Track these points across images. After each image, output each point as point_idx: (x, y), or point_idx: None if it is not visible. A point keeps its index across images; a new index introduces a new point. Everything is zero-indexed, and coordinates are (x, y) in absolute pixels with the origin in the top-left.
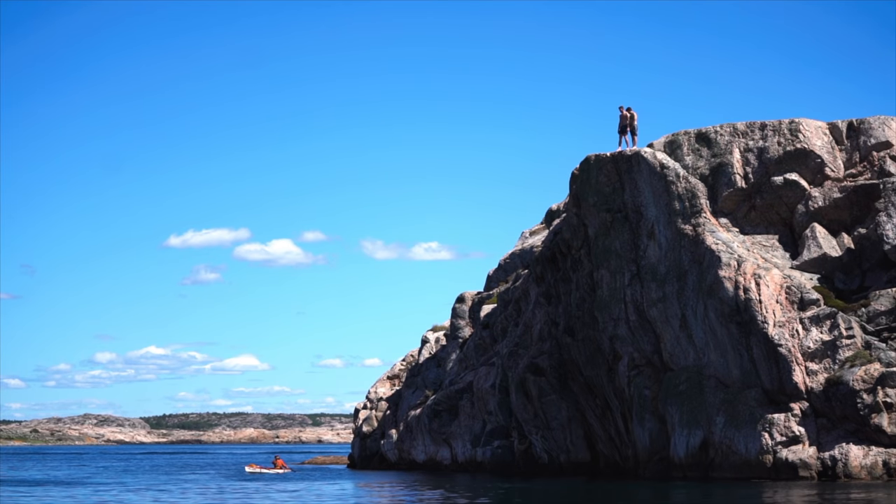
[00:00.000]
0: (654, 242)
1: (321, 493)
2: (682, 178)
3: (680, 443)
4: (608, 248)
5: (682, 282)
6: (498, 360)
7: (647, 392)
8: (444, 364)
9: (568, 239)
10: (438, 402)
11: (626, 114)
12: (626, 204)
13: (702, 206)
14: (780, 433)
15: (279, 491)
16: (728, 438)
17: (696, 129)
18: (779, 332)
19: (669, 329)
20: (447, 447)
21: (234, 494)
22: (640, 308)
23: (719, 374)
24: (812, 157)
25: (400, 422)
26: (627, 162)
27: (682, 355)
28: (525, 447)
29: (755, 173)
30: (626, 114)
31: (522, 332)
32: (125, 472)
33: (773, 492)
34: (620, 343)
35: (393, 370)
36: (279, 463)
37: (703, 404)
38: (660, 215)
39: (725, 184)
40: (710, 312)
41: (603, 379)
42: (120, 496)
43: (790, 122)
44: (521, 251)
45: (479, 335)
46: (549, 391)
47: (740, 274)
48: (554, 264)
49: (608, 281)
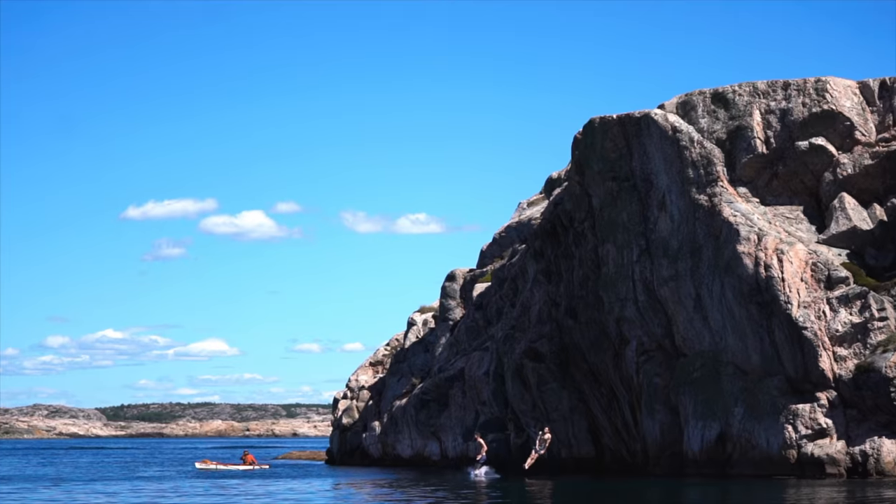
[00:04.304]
0: (666, 214)
1: (288, 496)
2: (697, 142)
3: (694, 436)
4: (614, 221)
5: (696, 258)
6: (492, 345)
7: (657, 380)
8: (433, 349)
9: (570, 210)
10: (426, 392)
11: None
12: (634, 172)
13: (718, 174)
14: (804, 426)
15: (237, 494)
16: (747, 431)
17: (712, 89)
18: (803, 313)
19: (682, 310)
20: (436, 441)
21: (174, 499)
22: (650, 287)
23: (737, 359)
24: (840, 119)
25: (384, 413)
26: (636, 125)
27: (696, 339)
28: (522, 441)
29: (777, 138)
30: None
31: (519, 314)
32: (46, 469)
33: (797, 491)
34: (628, 326)
35: (376, 356)
36: (249, 459)
37: (720, 393)
38: (672, 184)
39: (744, 149)
40: (728, 292)
41: (609, 365)
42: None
43: (816, 81)
44: (518, 224)
45: (471, 317)
46: (548, 379)
47: (761, 249)
48: (554, 238)
49: (614, 257)
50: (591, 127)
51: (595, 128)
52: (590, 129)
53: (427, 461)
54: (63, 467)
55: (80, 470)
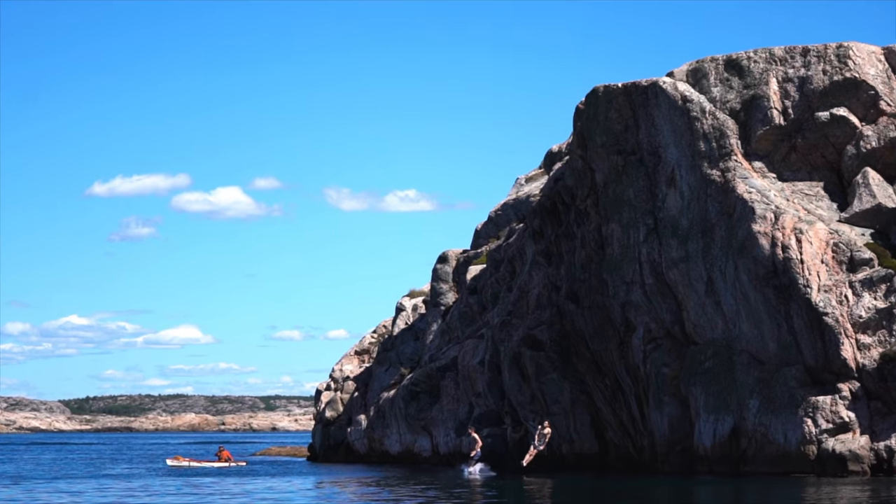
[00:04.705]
0: (675, 191)
1: (266, 496)
2: (709, 113)
3: (706, 431)
4: (620, 198)
5: (708, 238)
6: (488, 332)
7: (666, 370)
8: (424, 336)
9: (571, 186)
10: (416, 383)
11: None
12: (641, 145)
13: (732, 148)
14: (825, 419)
15: (212, 493)
16: (763, 426)
17: (726, 55)
18: (824, 297)
19: (693, 294)
20: (426, 436)
21: (143, 498)
22: (658, 269)
23: (753, 348)
24: (864, 88)
25: (370, 406)
26: (643, 94)
27: (708, 326)
28: (520, 436)
29: (796, 108)
30: None
31: (517, 299)
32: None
33: (818, 490)
34: (634, 311)
35: (362, 344)
36: (224, 455)
37: (734, 384)
38: (682, 158)
39: (760, 120)
40: (742, 274)
41: (613, 354)
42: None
43: (838, 47)
44: (515, 201)
45: (464, 302)
46: (548, 369)
47: (778, 228)
48: (555, 217)
49: (619, 237)
50: (594, 96)
51: (599, 97)
52: (593, 98)
53: (417, 458)
54: (23, 464)
55: (42, 467)
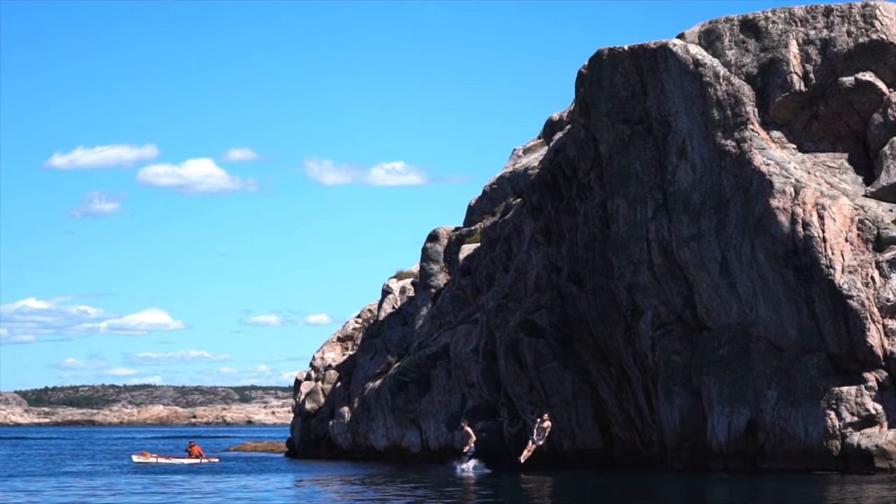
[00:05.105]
0: (686, 163)
1: (241, 495)
2: (723, 78)
3: (719, 424)
4: (626, 171)
5: (722, 214)
6: (482, 317)
7: (676, 358)
8: (412, 322)
9: (573, 158)
10: (404, 372)
11: None
12: (649, 113)
13: (748, 116)
14: (849, 412)
15: (182, 492)
16: (782, 419)
17: (741, 15)
18: (848, 279)
19: (706, 276)
20: (415, 430)
21: (107, 498)
22: (668, 248)
23: (771, 334)
24: (892, 50)
25: (354, 397)
26: (651, 58)
27: (722, 310)
28: (517, 430)
29: (818, 73)
30: None
31: (514, 280)
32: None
33: (841, 488)
34: (642, 294)
35: (345, 330)
36: (195, 451)
37: (750, 374)
38: (693, 127)
39: (779, 86)
40: (759, 254)
41: (619, 341)
42: None
43: (863, 6)
44: (512, 174)
45: (457, 284)
46: (548, 357)
47: (798, 204)
48: (555, 191)
49: (626, 213)
50: (598, 60)
51: (603, 61)
52: (597, 62)
53: (405, 453)
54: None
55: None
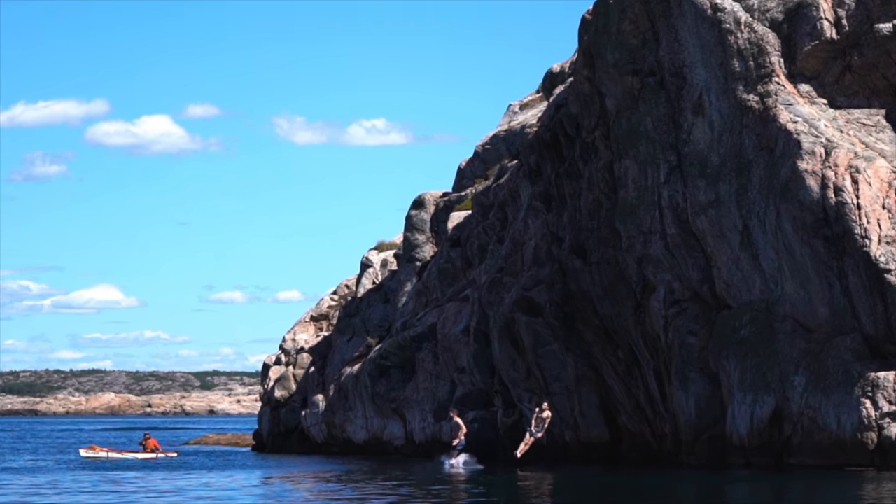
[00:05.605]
0: (703, 120)
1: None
2: (745, 25)
3: (740, 414)
4: (636, 129)
5: (743, 178)
6: (473, 294)
7: (692, 340)
8: (395, 299)
9: (576, 115)
10: (386, 356)
11: None
12: (661, 63)
13: (773, 67)
14: (887, 400)
15: (135, 490)
16: (811, 408)
17: None
18: (886, 251)
19: (725, 247)
20: (398, 420)
21: (51, 497)
22: (683, 216)
23: (798, 313)
24: None
25: (329, 384)
26: (664, 2)
27: (743, 286)
28: (513, 420)
29: (851, 19)
30: None
31: (509, 252)
32: None
33: (878, 486)
34: (653, 268)
35: (319, 308)
36: (151, 444)
37: (776, 357)
38: (711, 80)
39: (808, 34)
40: (786, 223)
41: (628, 321)
42: None
43: None
44: (507, 133)
45: (445, 256)
46: (548, 339)
47: (829, 166)
48: (556, 152)
49: (635, 176)
50: (604, 4)
51: (610, 5)
52: (603, 7)
53: (387, 447)
54: None
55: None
